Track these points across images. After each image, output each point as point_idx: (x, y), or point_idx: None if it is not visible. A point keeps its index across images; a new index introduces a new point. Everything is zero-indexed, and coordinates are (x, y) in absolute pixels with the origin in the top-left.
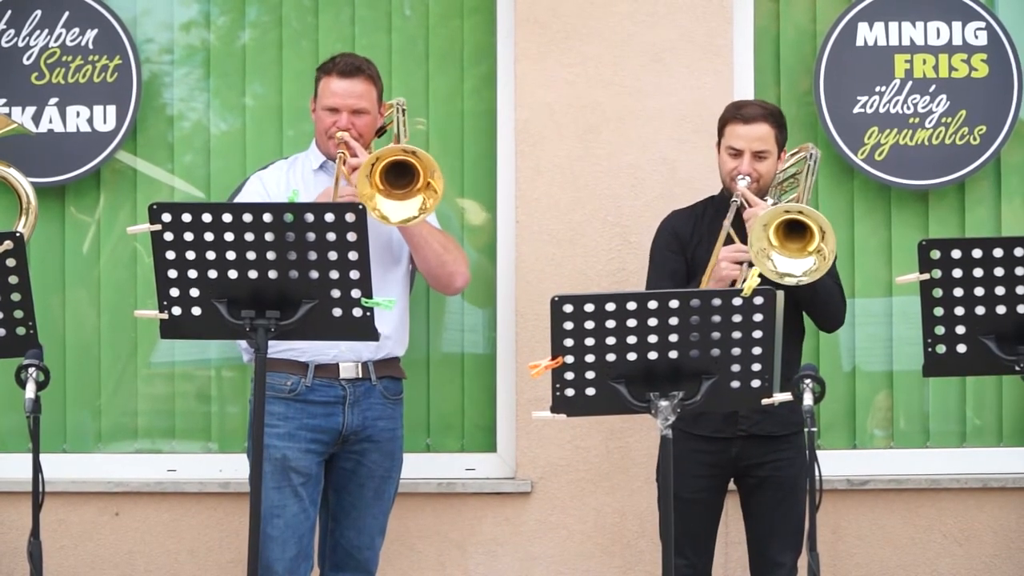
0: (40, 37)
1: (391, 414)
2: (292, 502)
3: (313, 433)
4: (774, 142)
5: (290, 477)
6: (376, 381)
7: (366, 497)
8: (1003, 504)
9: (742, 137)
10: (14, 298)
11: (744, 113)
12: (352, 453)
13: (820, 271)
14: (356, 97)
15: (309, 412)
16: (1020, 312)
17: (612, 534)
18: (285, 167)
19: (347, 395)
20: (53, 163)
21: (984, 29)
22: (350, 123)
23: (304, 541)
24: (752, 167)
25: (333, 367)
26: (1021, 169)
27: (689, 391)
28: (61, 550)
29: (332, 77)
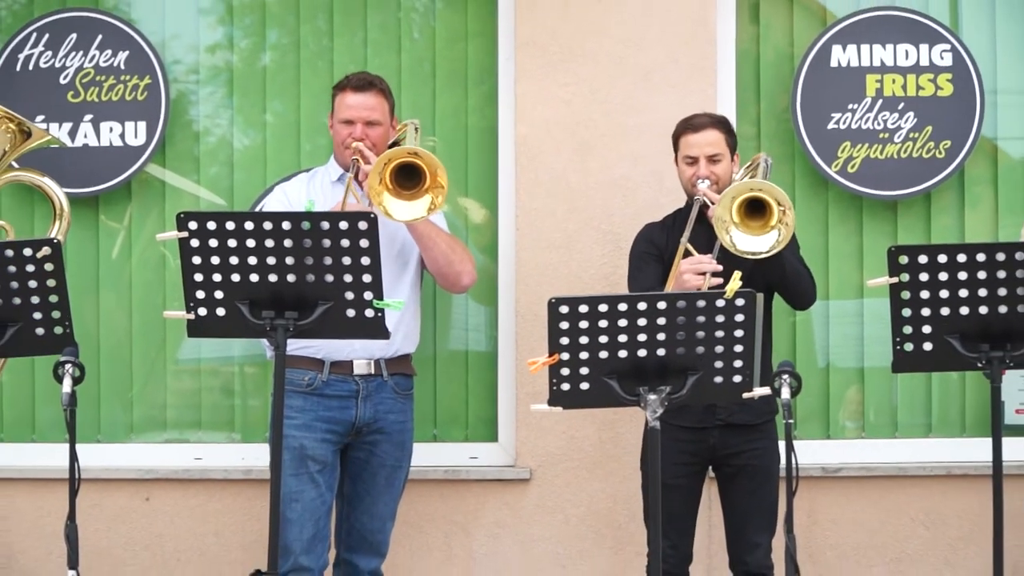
0: (75, 58)
1: (401, 408)
2: (309, 488)
3: (328, 424)
4: (725, 146)
5: (307, 465)
6: (388, 377)
7: (378, 485)
8: (966, 490)
9: (695, 145)
10: (52, 300)
11: (694, 123)
12: (365, 444)
13: (784, 240)
14: (369, 109)
15: (325, 405)
16: (982, 313)
17: (604, 517)
18: (306, 179)
19: (360, 390)
20: (87, 175)
21: (949, 51)
22: (364, 133)
23: (320, 524)
24: (709, 170)
25: (347, 364)
26: (983, 181)
27: (675, 386)
28: (96, 533)
29: (347, 92)
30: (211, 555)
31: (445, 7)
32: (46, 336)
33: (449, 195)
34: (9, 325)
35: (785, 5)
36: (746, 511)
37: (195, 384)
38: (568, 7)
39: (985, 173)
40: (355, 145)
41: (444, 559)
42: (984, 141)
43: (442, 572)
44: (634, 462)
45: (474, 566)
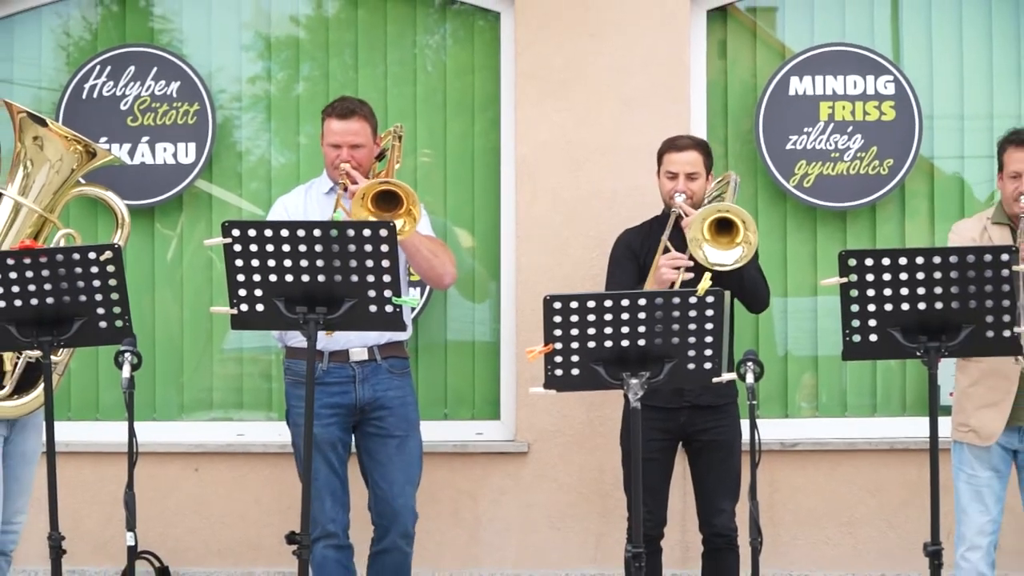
0: (134, 88)
1: (399, 385)
2: (322, 467)
3: (331, 409)
4: (703, 166)
5: (319, 447)
6: (382, 360)
7: (389, 453)
8: (907, 462)
9: (676, 163)
10: (113, 297)
11: (678, 143)
12: (372, 420)
13: (748, 256)
14: (352, 134)
15: (327, 392)
16: (920, 309)
17: (592, 486)
18: (303, 190)
19: (356, 375)
20: (144, 189)
21: (892, 81)
22: (350, 155)
23: (338, 494)
24: (686, 186)
25: (344, 352)
26: (921, 195)
27: (654, 371)
28: (151, 500)
29: (332, 119)
30: (251, 519)
31: (454, 44)
32: (108, 328)
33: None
34: (76, 319)
35: (749, 42)
36: (713, 481)
37: (237, 370)
38: (562, 43)
39: (923, 188)
40: (343, 167)
41: (454, 522)
42: (922, 160)
43: (452, 533)
44: (617, 437)
45: (479, 527)
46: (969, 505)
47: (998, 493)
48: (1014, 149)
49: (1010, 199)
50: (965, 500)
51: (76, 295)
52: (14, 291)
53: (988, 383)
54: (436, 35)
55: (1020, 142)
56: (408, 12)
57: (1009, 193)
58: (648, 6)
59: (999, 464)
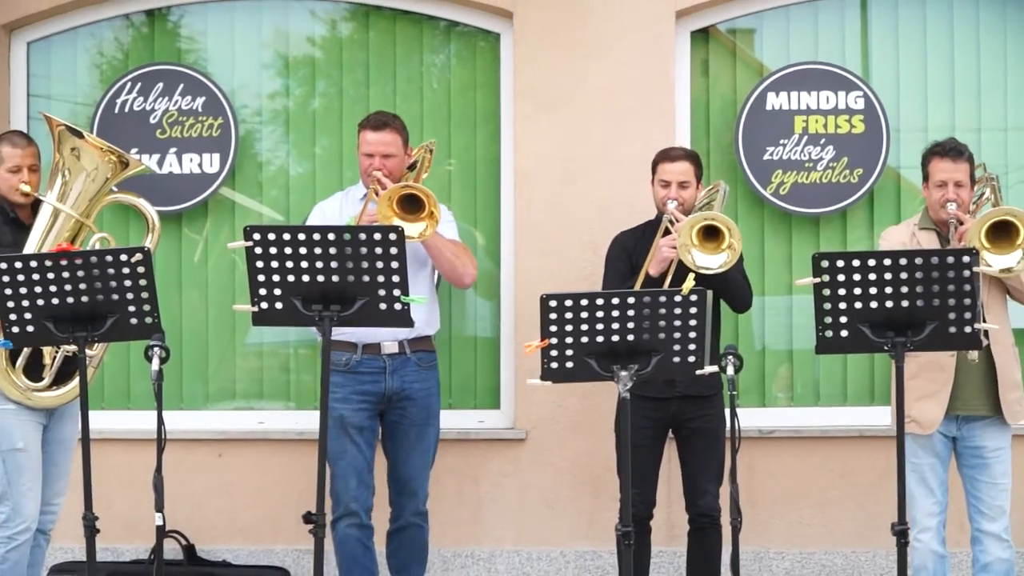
0: (162, 103)
1: (425, 378)
2: (350, 448)
3: (362, 396)
4: (693, 175)
5: (347, 430)
6: (411, 354)
7: (410, 439)
8: (875, 448)
9: (669, 172)
10: (143, 296)
11: (671, 154)
12: (397, 408)
13: (732, 261)
14: (385, 145)
15: (359, 380)
16: (888, 307)
17: (585, 469)
18: (340, 196)
19: (387, 366)
20: (172, 196)
21: (862, 97)
22: (382, 164)
23: (363, 475)
24: (678, 194)
25: (376, 345)
26: (889, 202)
27: (642, 364)
28: (178, 483)
29: (367, 130)
30: (271, 500)
31: (458, 63)
32: (138, 324)
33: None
34: (109, 316)
35: (729, 61)
36: (699, 465)
37: (258, 363)
38: (558, 63)
39: (890, 195)
40: (375, 174)
41: (458, 502)
42: (889, 170)
43: (456, 512)
44: (609, 425)
45: (481, 508)
46: (916, 490)
47: (941, 477)
48: (938, 160)
49: (936, 206)
50: (912, 486)
51: (109, 294)
52: (52, 290)
53: (926, 375)
54: (441, 55)
55: (943, 153)
56: (415, 33)
57: (935, 200)
58: (636, 28)
59: (940, 450)
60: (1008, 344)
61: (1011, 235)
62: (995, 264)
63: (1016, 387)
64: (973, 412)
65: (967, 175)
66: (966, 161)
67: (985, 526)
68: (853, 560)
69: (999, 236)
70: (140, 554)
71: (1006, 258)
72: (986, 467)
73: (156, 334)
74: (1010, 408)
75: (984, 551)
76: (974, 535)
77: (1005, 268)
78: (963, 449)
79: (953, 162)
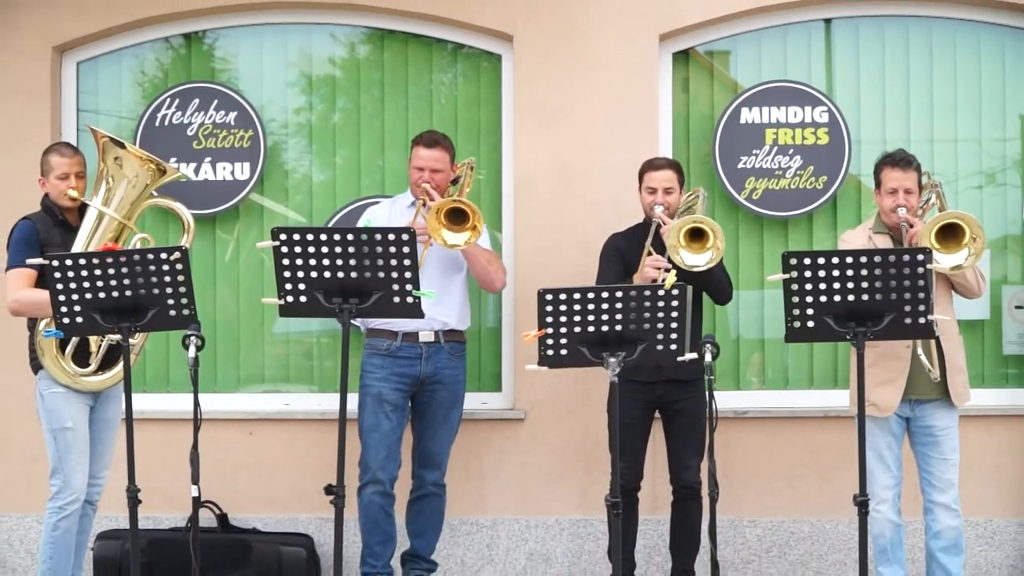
0: (198, 117)
1: (455, 365)
2: (384, 423)
3: (399, 377)
4: (677, 182)
5: (383, 406)
6: (444, 343)
7: (437, 419)
8: (839, 428)
9: (655, 180)
10: (180, 290)
11: (656, 164)
12: (428, 391)
13: (716, 259)
14: (435, 161)
15: (398, 363)
16: (850, 300)
17: (578, 446)
18: (388, 203)
19: (422, 353)
20: (207, 200)
21: (826, 111)
22: (431, 177)
23: (392, 448)
24: (664, 199)
25: (415, 334)
26: (850, 206)
27: (629, 351)
28: (212, 458)
29: (420, 147)
30: (296, 474)
31: (464, 81)
32: (176, 316)
33: None
34: (149, 308)
35: (707, 79)
36: (682, 443)
37: (285, 351)
38: (554, 81)
39: (851, 200)
40: (424, 186)
41: (464, 476)
42: (851, 177)
43: (461, 486)
44: (600, 407)
45: (485, 481)
46: (874, 466)
47: (896, 453)
48: (889, 169)
49: (888, 211)
50: (871, 462)
51: (150, 288)
52: (98, 285)
53: (884, 364)
54: (448, 74)
55: (894, 163)
56: (425, 55)
57: (887, 207)
58: (624, 50)
59: (896, 430)
60: (954, 334)
61: (958, 236)
62: (944, 262)
63: (961, 372)
64: (924, 396)
65: (915, 183)
66: (915, 170)
67: (936, 497)
68: (818, 528)
69: (947, 237)
70: (178, 522)
71: (954, 257)
72: (936, 444)
73: (192, 324)
74: (956, 391)
75: (936, 520)
76: (926, 505)
77: (955, 266)
78: (916, 429)
79: (903, 171)
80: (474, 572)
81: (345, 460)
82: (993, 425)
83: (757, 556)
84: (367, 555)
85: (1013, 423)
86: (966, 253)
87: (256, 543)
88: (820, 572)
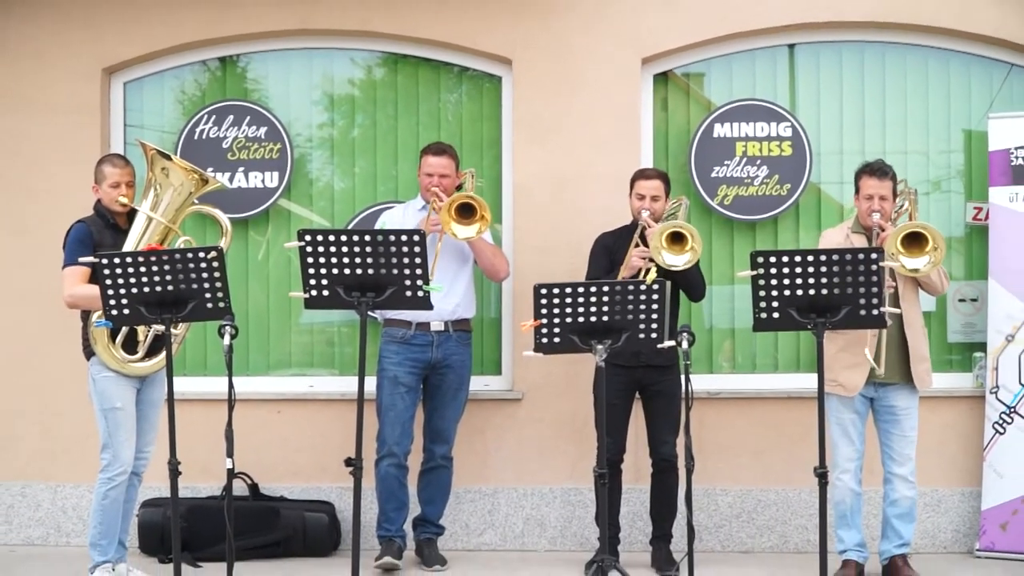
0: (232, 131)
1: (462, 351)
2: (399, 402)
3: (413, 362)
4: (663, 191)
5: (398, 388)
6: (452, 332)
7: (446, 399)
8: (801, 408)
9: (645, 187)
10: (217, 285)
11: (647, 173)
12: (438, 374)
13: (693, 260)
14: (443, 167)
15: (411, 350)
16: (811, 294)
17: (569, 424)
18: (402, 208)
19: (434, 340)
20: (240, 206)
21: (789, 127)
22: (439, 182)
23: (406, 426)
24: (651, 205)
25: (427, 324)
26: (811, 211)
27: (614, 339)
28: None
29: (429, 155)
30: (319, 448)
31: (468, 100)
32: (213, 308)
33: None
34: (190, 301)
35: (683, 98)
36: (659, 421)
37: (309, 339)
38: (549, 99)
39: (812, 206)
40: (433, 189)
41: (468, 450)
42: (812, 185)
43: (467, 460)
44: (588, 388)
45: (487, 456)
46: (839, 440)
47: (860, 429)
48: (867, 177)
49: (865, 215)
50: (836, 436)
51: (190, 284)
52: (144, 281)
53: (851, 350)
54: (455, 93)
55: (871, 172)
56: (434, 77)
57: (864, 210)
58: (610, 72)
59: (860, 408)
60: (918, 326)
61: (921, 244)
62: (908, 265)
63: (924, 360)
64: (889, 380)
65: (890, 191)
66: (890, 179)
67: (895, 469)
68: (783, 496)
69: (912, 243)
70: (214, 491)
71: (915, 261)
72: (897, 422)
73: (227, 316)
74: (919, 376)
75: (893, 489)
76: (885, 476)
77: (913, 269)
78: (879, 408)
79: (879, 180)
80: (477, 535)
81: (363, 436)
82: (938, 405)
83: (728, 521)
84: (383, 520)
85: (956, 403)
86: (927, 260)
87: (283, 509)
88: (784, 535)
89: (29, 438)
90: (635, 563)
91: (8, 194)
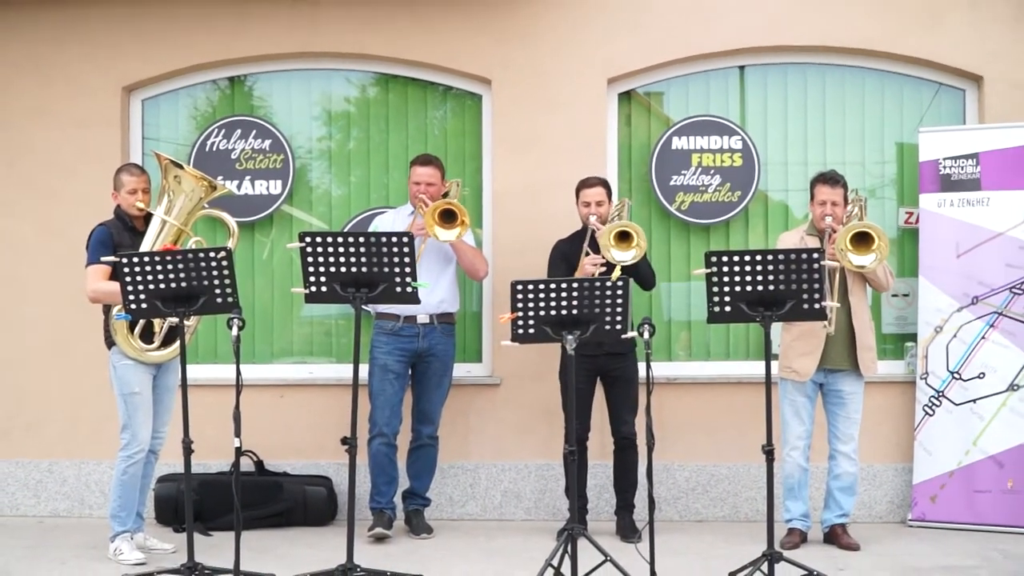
0: (240, 143)
1: (446, 342)
2: (389, 387)
3: (401, 351)
4: (606, 196)
5: (388, 375)
6: (437, 324)
7: (431, 384)
8: (750, 392)
9: (589, 195)
10: (226, 282)
11: (589, 182)
12: (424, 362)
13: (639, 254)
14: (429, 176)
15: (400, 340)
16: (759, 290)
17: (542, 406)
18: (393, 213)
19: (420, 332)
20: (248, 210)
21: (740, 140)
22: (426, 189)
23: (395, 409)
24: (596, 210)
25: (413, 317)
26: (759, 215)
27: (583, 331)
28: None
29: (416, 165)
30: (319, 429)
31: (452, 116)
32: (222, 303)
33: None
34: (201, 296)
35: (645, 114)
36: (619, 403)
37: (310, 330)
38: (524, 116)
39: (760, 211)
40: (420, 197)
41: (451, 432)
42: (760, 192)
43: (450, 441)
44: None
45: (469, 436)
46: (791, 420)
47: (810, 412)
48: (821, 184)
49: (819, 219)
50: (788, 417)
51: (201, 280)
52: (159, 278)
53: (804, 339)
54: (440, 110)
55: (825, 180)
56: (421, 95)
57: (818, 215)
58: (580, 91)
59: (810, 392)
60: (865, 319)
61: (868, 242)
62: (855, 262)
63: (870, 349)
64: (837, 367)
65: (842, 197)
66: (841, 187)
67: (839, 447)
68: (734, 470)
69: (860, 242)
70: (223, 467)
71: (863, 258)
72: (844, 405)
73: (235, 309)
74: (865, 364)
75: (837, 464)
76: (831, 453)
77: (860, 265)
78: (827, 391)
79: (831, 187)
80: (460, 506)
81: (357, 417)
82: (873, 390)
83: (685, 493)
84: (375, 493)
85: (890, 388)
86: (873, 256)
87: (286, 483)
88: (736, 507)
89: (56, 420)
90: (602, 531)
91: (39, 199)
